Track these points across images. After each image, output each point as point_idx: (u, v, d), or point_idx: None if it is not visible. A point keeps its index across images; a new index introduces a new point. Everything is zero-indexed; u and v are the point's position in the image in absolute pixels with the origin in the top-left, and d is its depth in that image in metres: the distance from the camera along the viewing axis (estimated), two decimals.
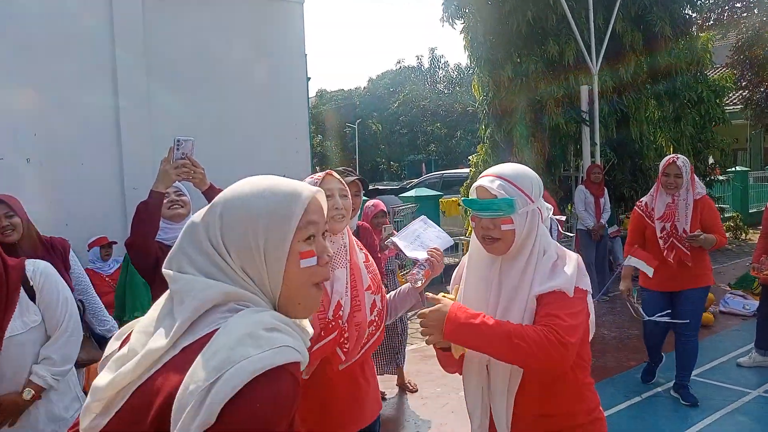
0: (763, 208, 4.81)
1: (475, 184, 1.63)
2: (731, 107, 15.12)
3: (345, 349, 1.83)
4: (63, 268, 2.56)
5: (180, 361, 0.85)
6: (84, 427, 0.91)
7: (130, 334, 0.98)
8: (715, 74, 13.74)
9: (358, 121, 34.57)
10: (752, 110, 16.30)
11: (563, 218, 2.08)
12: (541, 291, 1.53)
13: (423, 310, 1.57)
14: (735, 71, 15.40)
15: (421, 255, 1.99)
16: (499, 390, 1.60)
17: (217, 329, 0.86)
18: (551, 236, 1.68)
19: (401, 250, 2.09)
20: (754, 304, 6.21)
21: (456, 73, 35.57)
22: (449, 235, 2.22)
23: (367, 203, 4.57)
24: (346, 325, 1.83)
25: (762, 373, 4.52)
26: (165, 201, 2.27)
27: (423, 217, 2.26)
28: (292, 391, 0.84)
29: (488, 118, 8.68)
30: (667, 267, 3.83)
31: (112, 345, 0.99)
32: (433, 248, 2.00)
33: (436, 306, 1.54)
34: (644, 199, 4.03)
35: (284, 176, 1.01)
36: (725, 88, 11.48)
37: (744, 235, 11.82)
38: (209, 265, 0.91)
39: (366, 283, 1.91)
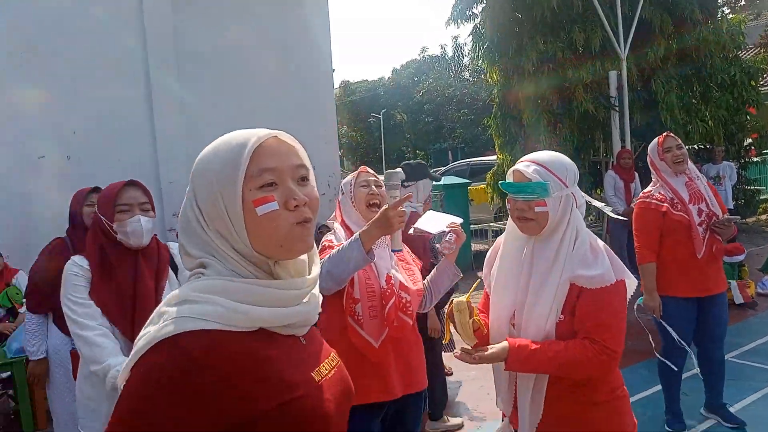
0: None
1: (512, 168, 1.72)
2: (765, 88, 14.72)
3: (409, 312, 2.01)
4: None
5: None
6: None
7: None
8: (749, 55, 13.37)
9: (383, 111, 34.58)
10: None
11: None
12: (584, 278, 1.58)
13: (481, 354, 1.61)
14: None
15: (444, 228, 2.21)
16: None
17: None
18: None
19: (427, 231, 2.26)
20: None
21: (475, 61, 35.27)
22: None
23: None
24: (402, 291, 2.02)
25: None
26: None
27: (430, 210, 2.41)
28: (173, 362, 0.81)
29: (506, 107, 8.66)
30: (699, 267, 3.16)
31: None
32: (451, 222, 2.21)
33: (492, 353, 1.60)
34: (651, 191, 3.28)
35: (313, 168, 1.00)
36: (760, 70, 11.20)
37: None
38: (193, 235, 0.95)
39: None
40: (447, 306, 1.66)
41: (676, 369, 3.22)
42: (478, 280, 1.86)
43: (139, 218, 2.07)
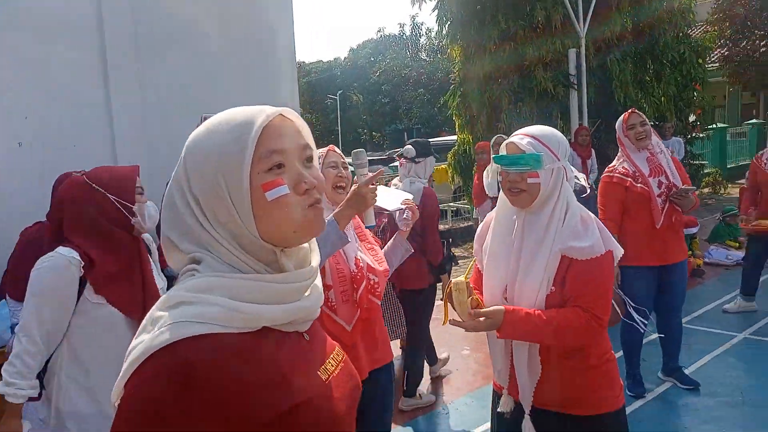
0: (741, 163, 4.95)
1: (505, 142, 1.76)
2: (710, 65, 15.31)
3: (378, 293, 2.06)
4: None
5: None
6: None
7: None
8: (697, 33, 13.84)
9: (339, 92, 34.24)
10: (731, 68, 16.50)
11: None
12: (575, 249, 1.63)
13: (475, 323, 1.64)
14: (715, 28, 15.53)
15: (400, 205, 2.35)
16: None
17: None
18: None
19: (384, 209, 2.38)
20: (735, 254, 6.48)
21: (438, 40, 35.31)
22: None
23: None
24: (370, 274, 2.05)
25: (747, 318, 4.78)
26: None
27: (381, 186, 2.54)
28: (172, 374, 0.74)
29: (467, 85, 8.73)
30: (659, 236, 3.32)
31: None
32: (405, 199, 2.37)
33: (487, 319, 1.63)
34: (615, 165, 3.43)
35: None
36: (707, 48, 11.63)
37: (723, 189, 12.15)
38: (184, 227, 0.86)
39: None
40: (446, 287, 1.68)
41: (643, 331, 3.32)
42: (474, 259, 1.89)
43: (149, 202, 2.03)
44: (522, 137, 1.71)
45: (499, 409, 1.79)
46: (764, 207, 4.62)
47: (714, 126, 13.42)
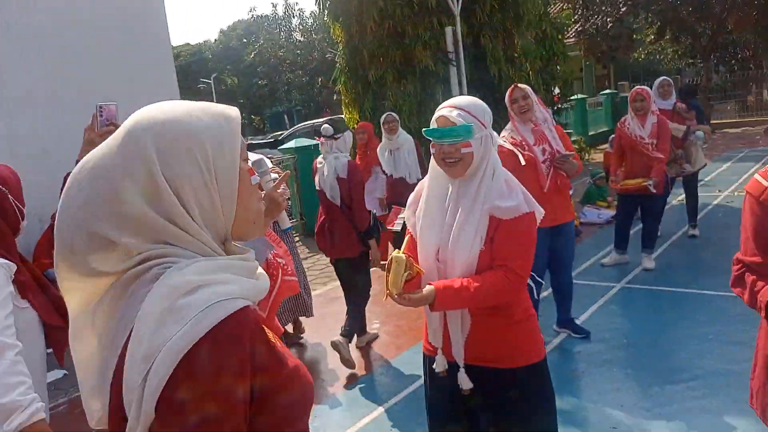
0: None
1: (435, 116, 1.80)
2: (567, 40, 16.61)
3: (291, 271, 2.30)
4: None
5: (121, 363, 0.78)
6: None
7: None
8: (554, 11, 14.90)
9: (213, 75, 32.70)
10: (585, 42, 18.00)
11: None
12: (500, 209, 1.73)
13: (411, 296, 1.70)
14: (569, 5, 16.82)
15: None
16: None
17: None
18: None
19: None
20: (606, 212, 7.17)
21: (312, 20, 34.77)
22: None
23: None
24: (276, 258, 2.25)
25: (622, 270, 5.33)
26: None
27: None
28: (235, 346, 0.75)
29: (352, 64, 8.75)
30: (547, 199, 3.37)
31: None
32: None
33: (420, 296, 1.69)
34: (504, 135, 3.60)
35: None
36: (565, 25, 12.58)
37: (587, 155, 13.33)
38: (136, 219, 0.80)
39: None
40: (388, 260, 1.70)
41: (537, 296, 3.64)
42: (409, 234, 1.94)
43: None
44: (451, 110, 1.77)
45: (434, 367, 1.87)
46: (629, 168, 5.14)
47: (576, 97, 14.60)
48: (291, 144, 8.81)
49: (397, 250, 1.75)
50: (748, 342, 3.62)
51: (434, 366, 1.87)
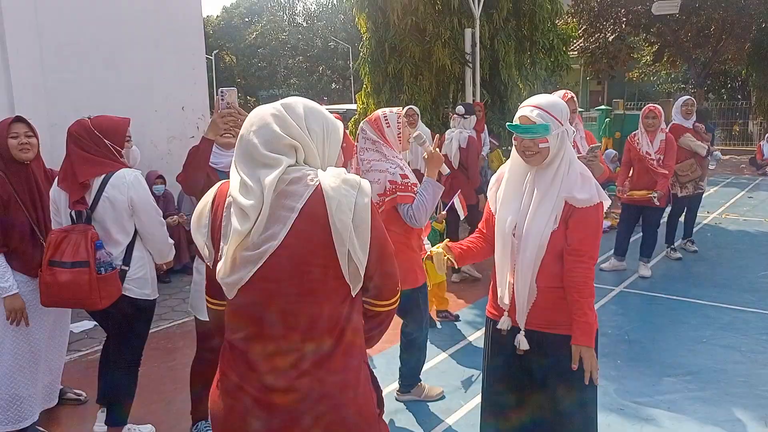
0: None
1: (518, 114, 2.05)
2: (570, 53, 17.00)
3: None
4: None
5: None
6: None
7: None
8: (560, 24, 15.23)
9: (214, 52, 32.48)
10: (586, 58, 18.46)
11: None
12: (576, 199, 1.98)
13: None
14: (574, 20, 17.22)
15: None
16: (525, 266, 2.05)
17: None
18: None
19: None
20: (604, 222, 7.51)
21: (315, 6, 34.76)
22: None
23: None
24: None
25: (620, 275, 5.67)
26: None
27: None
28: None
29: (375, 53, 8.95)
30: None
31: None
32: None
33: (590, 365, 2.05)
34: None
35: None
36: (571, 37, 12.91)
37: None
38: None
39: None
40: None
41: None
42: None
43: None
44: (532, 109, 2.01)
45: (498, 326, 2.15)
46: (636, 180, 5.48)
47: (580, 110, 14.97)
48: None
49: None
50: (737, 347, 4.03)
51: (498, 326, 2.14)
